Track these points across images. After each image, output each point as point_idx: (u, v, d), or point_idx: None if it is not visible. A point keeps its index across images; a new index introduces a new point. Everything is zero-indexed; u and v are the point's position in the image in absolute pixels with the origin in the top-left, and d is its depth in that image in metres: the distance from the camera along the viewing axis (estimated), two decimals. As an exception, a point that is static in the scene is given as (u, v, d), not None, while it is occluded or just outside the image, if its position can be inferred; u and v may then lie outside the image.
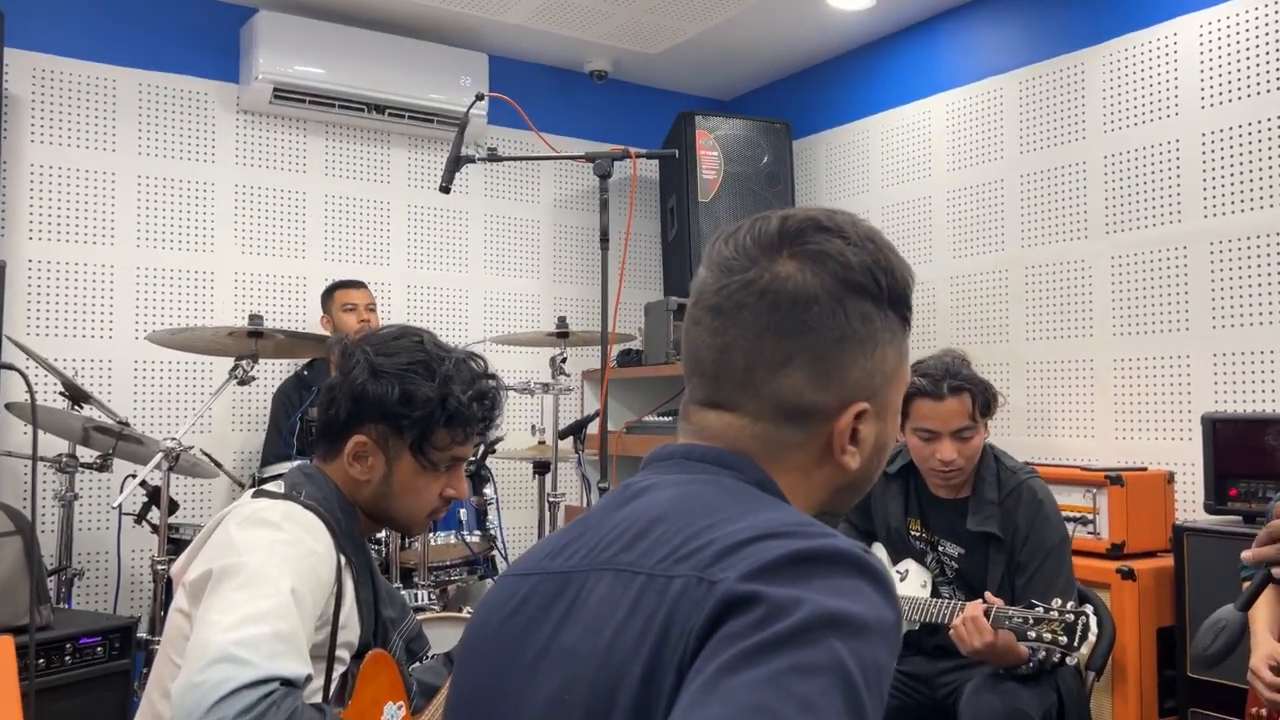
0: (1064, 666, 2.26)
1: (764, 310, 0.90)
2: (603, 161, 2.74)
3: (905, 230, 4.29)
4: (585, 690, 0.80)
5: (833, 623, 0.71)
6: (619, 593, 0.82)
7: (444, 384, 1.60)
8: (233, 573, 1.38)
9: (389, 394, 1.58)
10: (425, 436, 1.61)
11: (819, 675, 0.69)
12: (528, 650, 0.87)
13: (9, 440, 3.49)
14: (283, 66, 3.98)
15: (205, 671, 1.25)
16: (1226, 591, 2.62)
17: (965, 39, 4.13)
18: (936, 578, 2.62)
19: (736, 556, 0.77)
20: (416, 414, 1.59)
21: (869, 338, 0.91)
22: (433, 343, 1.66)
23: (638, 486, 0.93)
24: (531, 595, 0.90)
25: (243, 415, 4.08)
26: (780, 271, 0.90)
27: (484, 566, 3.57)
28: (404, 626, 1.73)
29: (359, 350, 1.64)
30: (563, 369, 3.54)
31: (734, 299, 0.91)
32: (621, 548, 0.85)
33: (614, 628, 0.80)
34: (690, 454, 0.93)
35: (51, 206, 3.77)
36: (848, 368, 0.91)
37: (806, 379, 0.90)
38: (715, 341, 0.92)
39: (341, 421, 1.61)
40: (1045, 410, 3.74)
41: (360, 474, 1.62)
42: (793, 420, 0.91)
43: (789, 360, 0.90)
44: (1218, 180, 3.27)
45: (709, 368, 0.93)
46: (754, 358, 0.90)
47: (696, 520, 0.83)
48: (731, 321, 0.91)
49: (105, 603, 3.70)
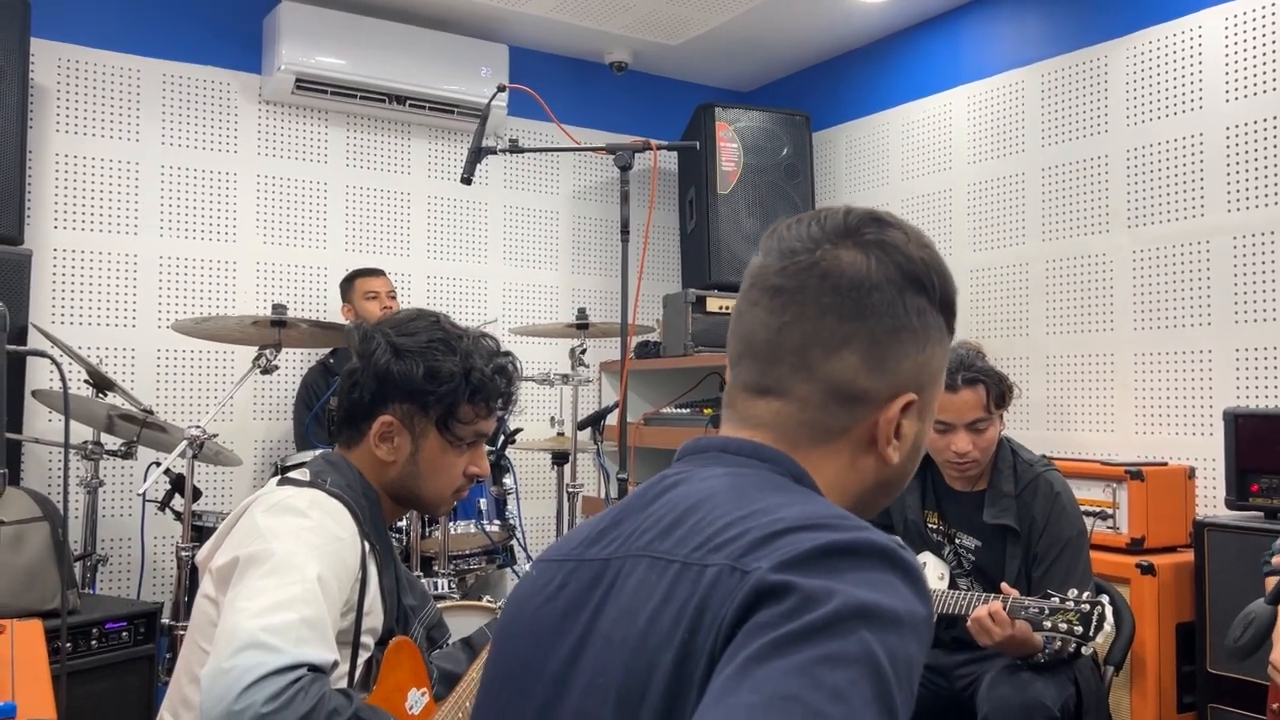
0: (1080, 658, 2.27)
1: (826, 291, 0.91)
2: (623, 154, 2.74)
3: (925, 223, 4.28)
4: (619, 675, 0.81)
5: (864, 614, 0.72)
6: (654, 580, 0.83)
7: (466, 358, 1.64)
8: (260, 560, 1.40)
9: (414, 371, 1.61)
10: (451, 411, 1.64)
11: (849, 666, 0.69)
12: (565, 634, 0.88)
13: (34, 427, 3.53)
14: (305, 57, 4.00)
15: (234, 658, 1.27)
16: (1247, 587, 2.61)
17: (987, 31, 4.11)
18: (954, 570, 2.63)
19: (770, 547, 0.78)
20: (442, 389, 1.62)
21: (922, 332, 0.93)
22: (448, 322, 1.70)
23: (673, 478, 0.94)
24: (569, 581, 0.91)
25: (264, 404, 4.11)
26: (844, 257, 0.92)
27: (503, 556, 3.59)
28: (425, 614, 1.75)
29: (378, 333, 1.67)
30: (582, 360, 3.56)
31: (796, 279, 0.93)
32: (656, 535, 0.87)
33: (648, 614, 0.81)
34: (727, 447, 0.94)
35: (77, 196, 3.81)
36: (901, 358, 0.92)
37: (861, 363, 0.91)
38: (773, 321, 0.93)
39: (366, 404, 1.64)
40: (1065, 404, 3.73)
41: (386, 454, 1.64)
42: (843, 404, 0.92)
43: (846, 342, 0.91)
44: (1241, 174, 3.25)
45: (762, 348, 0.94)
46: (811, 338, 0.91)
47: (731, 510, 0.84)
48: (792, 300, 0.92)
49: (129, 588, 3.75)
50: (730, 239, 4.45)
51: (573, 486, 3.57)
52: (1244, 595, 1.88)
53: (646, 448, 4.46)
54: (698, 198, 4.56)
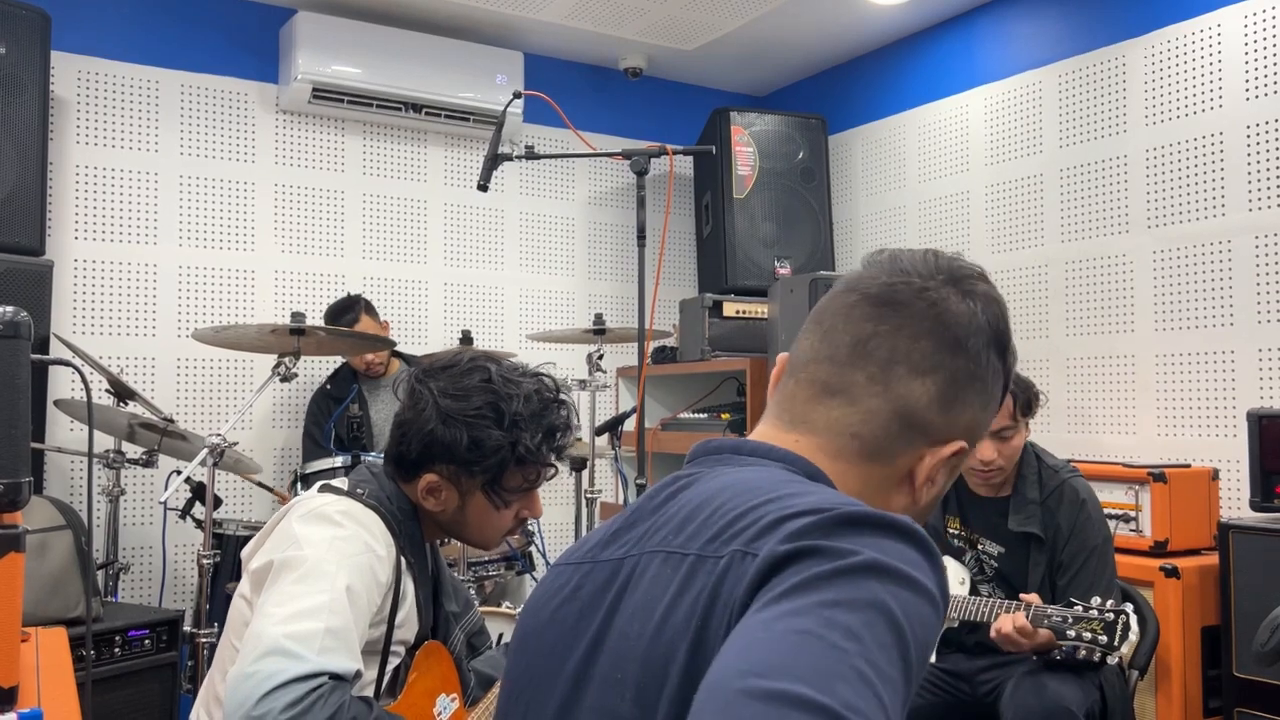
0: (1105, 666, 2.25)
1: (930, 318, 0.93)
2: (639, 159, 2.75)
3: (943, 226, 4.26)
4: (637, 668, 0.81)
5: (878, 569, 0.71)
6: (668, 575, 0.83)
7: (513, 428, 1.60)
8: (292, 566, 1.41)
9: (459, 441, 1.58)
10: (497, 479, 1.62)
11: (863, 610, 0.68)
12: (582, 634, 0.89)
13: (56, 436, 3.56)
14: (321, 66, 4.02)
15: (258, 663, 1.28)
16: (1273, 590, 2.59)
17: (1003, 32, 4.10)
18: (975, 576, 2.61)
19: (781, 528, 0.77)
20: (487, 461, 1.60)
21: (992, 390, 0.97)
22: (500, 376, 1.63)
23: (686, 479, 0.95)
24: (585, 582, 0.92)
25: (284, 413, 4.13)
26: (953, 297, 0.95)
27: (522, 562, 3.60)
28: (467, 620, 1.75)
29: (427, 390, 1.62)
30: (599, 365, 3.56)
31: (904, 296, 0.94)
32: (670, 532, 0.87)
33: (664, 608, 0.81)
34: (740, 448, 0.95)
35: (97, 207, 3.84)
36: (968, 405, 0.95)
37: (936, 394, 0.93)
38: (868, 327, 0.94)
39: (413, 460, 1.62)
40: (1086, 407, 3.70)
41: (434, 506, 1.64)
42: (903, 429, 0.93)
43: (932, 371, 0.93)
44: (1263, 173, 3.22)
45: (846, 350, 0.94)
46: (902, 355, 0.93)
47: (745, 502, 0.84)
48: (895, 314, 0.94)
49: (150, 596, 3.77)
50: (746, 243, 4.45)
51: (591, 492, 3.57)
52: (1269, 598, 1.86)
53: (664, 453, 4.45)
54: (713, 202, 4.56)
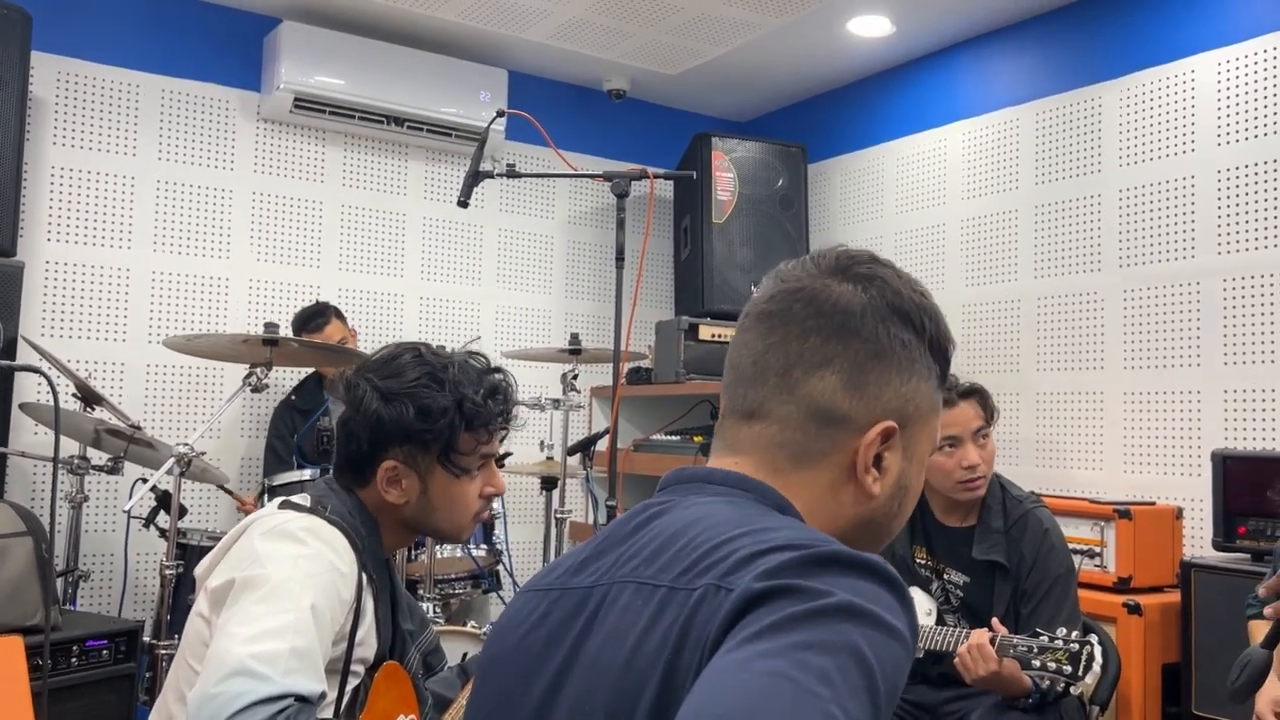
0: (1068, 697, 2.26)
1: (811, 315, 0.94)
2: (620, 181, 2.76)
3: (918, 257, 4.30)
4: (606, 698, 0.80)
5: (853, 613, 0.71)
6: (639, 605, 0.83)
7: (455, 389, 1.62)
8: (255, 585, 1.39)
9: (405, 414, 1.59)
10: (450, 445, 1.62)
11: (836, 653, 0.68)
12: (550, 662, 0.88)
13: (20, 440, 3.50)
14: (304, 77, 4.01)
15: (222, 684, 1.26)
16: (1234, 629, 2.61)
17: (983, 69, 4.15)
18: (941, 606, 2.62)
19: (756, 564, 0.77)
20: (437, 425, 1.60)
21: (906, 363, 0.94)
22: (430, 352, 1.67)
23: (657, 507, 0.94)
24: (552, 610, 0.91)
25: (253, 422, 4.09)
26: (834, 286, 0.95)
27: (489, 581, 3.57)
28: (422, 639, 1.74)
29: (361, 380, 1.64)
30: (573, 385, 3.56)
31: (783, 304, 0.95)
32: (642, 562, 0.87)
33: (635, 638, 0.81)
34: (711, 477, 0.95)
35: (71, 209, 3.80)
36: (882, 384, 0.93)
37: (841, 384, 0.92)
38: (759, 344, 0.96)
39: (365, 453, 1.62)
40: (1054, 441, 3.74)
41: (397, 497, 1.63)
42: (822, 426, 0.93)
43: (827, 363, 0.93)
44: (1233, 217, 3.27)
45: (748, 371, 0.96)
46: (795, 358, 0.93)
47: (718, 535, 0.83)
48: (778, 324, 0.95)
49: (110, 605, 3.71)
50: (724, 268, 4.47)
51: (561, 512, 3.56)
52: (1230, 637, 1.88)
53: (636, 474, 4.45)
54: (692, 226, 4.58)
